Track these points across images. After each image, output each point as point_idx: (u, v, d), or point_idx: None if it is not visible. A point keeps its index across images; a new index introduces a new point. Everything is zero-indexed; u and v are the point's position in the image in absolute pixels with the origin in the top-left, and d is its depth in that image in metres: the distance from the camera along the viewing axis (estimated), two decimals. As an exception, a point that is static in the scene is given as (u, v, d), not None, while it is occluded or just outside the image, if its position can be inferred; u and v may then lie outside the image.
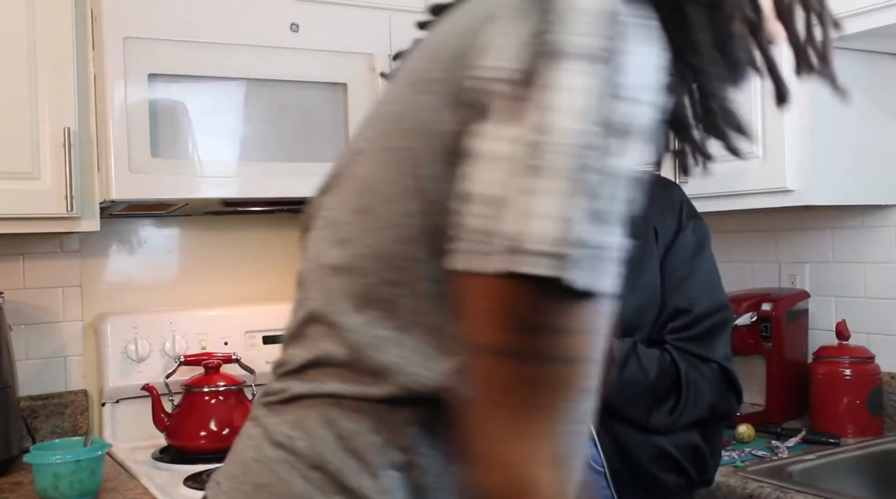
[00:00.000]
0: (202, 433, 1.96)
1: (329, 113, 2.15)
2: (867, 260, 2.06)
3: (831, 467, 1.75)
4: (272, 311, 2.38)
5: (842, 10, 1.67)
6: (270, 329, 2.34)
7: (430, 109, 0.67)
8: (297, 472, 0.69)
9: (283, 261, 2.52)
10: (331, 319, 0.72)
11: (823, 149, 1.79)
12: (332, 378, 0.71)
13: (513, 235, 0.57)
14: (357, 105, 2.17)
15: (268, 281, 2.48)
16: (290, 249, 2.51)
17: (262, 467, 0.73)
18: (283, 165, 2.07)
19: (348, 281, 0.71)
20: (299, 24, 2.11)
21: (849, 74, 1.91)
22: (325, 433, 0.69)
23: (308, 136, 2.12)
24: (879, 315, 2.03)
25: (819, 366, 1.97)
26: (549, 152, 0.58)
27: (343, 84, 2.16)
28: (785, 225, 2.24)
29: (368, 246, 0.70)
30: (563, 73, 0.59)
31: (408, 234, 0.67)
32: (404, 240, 0.68)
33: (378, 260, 0.69)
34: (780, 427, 1.93)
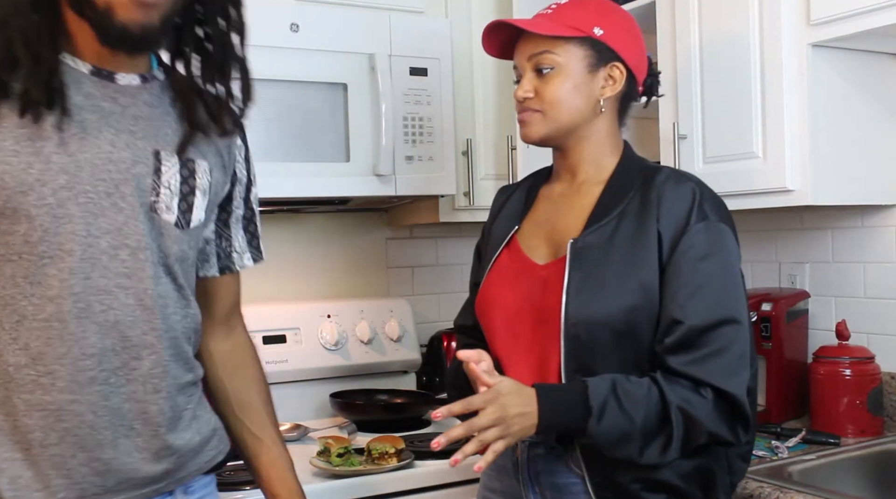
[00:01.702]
0: (202, 433, 1.96)
1: (329, 113, 2.15)
2: (867, 260, 2.06)
3: (831, 467, 1.75)
4: (272, 311, 2.38)
5: (842, 10, 1.67)
6: (270, 329, 2.35)
7: None
8: None
9: (283, 261, 2.52)
10: None
11: (823, 149, 1.79)
12: None
13: None
14: (357, 105, 2.17)
15: (268, 281, 2.48)
16: (290, 249, 2.52)
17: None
18: (284, 165, 2.07)
19: None
20: (299, 24, 2.11)
21: (849, 74, 1.93)
22: None
23: (308, 136, 2.13)
24: (879, 315, 2.03)
25: (819, 366, 1.97)
26: None
27: (343, 84, 2.16)
28: (785, 225, 2.24)
29: None
30: None
31: None
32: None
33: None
34: (780, 427, 1.94)
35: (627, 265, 1.36)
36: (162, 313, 1.19)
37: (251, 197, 1.40)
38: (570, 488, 1.40)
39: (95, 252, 1.13)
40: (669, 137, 1.99)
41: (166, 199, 1.19)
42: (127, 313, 1.15)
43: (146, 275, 1.17)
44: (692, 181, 1.41)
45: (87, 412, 1.13)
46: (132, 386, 1.16)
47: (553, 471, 1.42)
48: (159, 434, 1.19)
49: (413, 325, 2.55)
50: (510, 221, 1.56)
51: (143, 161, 1.17)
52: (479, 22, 2.42)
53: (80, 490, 1.13)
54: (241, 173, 1.37)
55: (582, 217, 1.44)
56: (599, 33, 1.45)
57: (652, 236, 1.36)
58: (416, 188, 2.25)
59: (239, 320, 1.46)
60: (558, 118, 1.45)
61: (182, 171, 1.22)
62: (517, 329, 1.45)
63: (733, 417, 1.32)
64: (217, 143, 1.28)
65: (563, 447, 1.40)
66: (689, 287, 1.33)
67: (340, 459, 1.87)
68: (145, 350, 1.17)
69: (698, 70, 1.95)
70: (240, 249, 1.40)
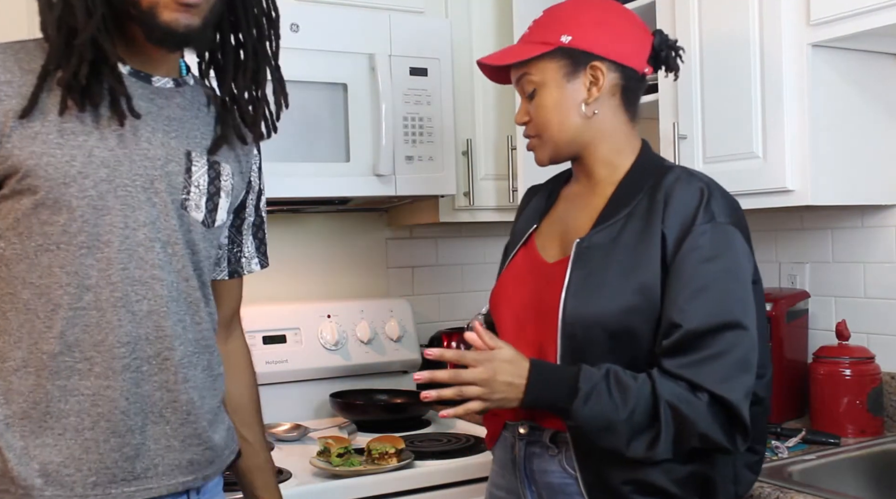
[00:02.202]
0: (202, 433, 1.96)
1: (329, 113, 2.15)
2: (867, 260, 2.06)
3: (831, 467, 1.75)
4: (272, 311, 2.38)
5: (842, 10, 1.67)
6: (270, 329, 2.35)
7: None
8: None
9: (284, 261, 2.52)
10: None
11: (823, 149, 1.79)
12: None
13: None
14: (357, 105, 2.17)
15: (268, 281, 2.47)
16: (290, 249, 2.52)
17: None
18: (284, 165, 2.07)
19: None
20: (299, 24, 2.11)
21: (849, 74, 1.93)
22: None
23: (308, 136, 2.13)
24: (879, 315, 2.03)
25: (819, 366, 1.97)
26: None
27: (343, 84, 2.16)
28: (785, 225, 2.24)
29: None
30: None
31: None
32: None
33: None
34: (780, 427, 1.93)
35: (629, 266, 1.35)
36: (192, 306, 1.24)
37: (261, 205, 1.46)
38: (564, 489, 1.40)
39: (132, 244, 1.18)
40: (669, 137, 1.99)
41: (196, 197, 1.25)
42: (161, 304, 1.19)
43: (177, 268, 1.22)
44: (702, 181, 1.37)
45: (121, 398, 1.17)
46: (164, 375, 1.20)
47: (548, 471, 1.42)
48: (188, 422, 1.23)
49: (413, 325, 2.55)
50: (530, 219, 1.57)
51: (175, 159, 1.23)
52: (480, 22, 2.43)
53: (111, 475, 1.17)
54: (255, 182, 1.43)
55: (592, 217, 1.44)
56: (567, 40, 1.42)
57: (656, 237, 1.34)
58: (416, 188, 2.25)
59: (238, 324, 1.50)
60: (553, 138, 1.46)
61: (209, 172, 1.27)
62: (523, 325, 1.46)
63: (730, 423, 1.29)
64: (238, 150, 1.34)
65: (557, 447, 1.41)
66: (689, 290, 1.30)
67: (340, 459, 1.87)
68: (177, 340, 1.21)
69: (698, 70, 1.95)
70: (249, 254, 1.45)
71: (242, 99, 1.32)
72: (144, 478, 1.20)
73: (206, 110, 1.31)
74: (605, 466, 1.34)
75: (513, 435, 1.48)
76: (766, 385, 1.41)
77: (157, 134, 1.21)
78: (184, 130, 1.25)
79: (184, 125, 1.26)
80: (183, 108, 1.27)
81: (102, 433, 1.16)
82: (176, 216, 1.22)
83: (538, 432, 1.43)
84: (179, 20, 1.16)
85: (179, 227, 1.23)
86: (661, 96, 2.04)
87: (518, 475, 1.47)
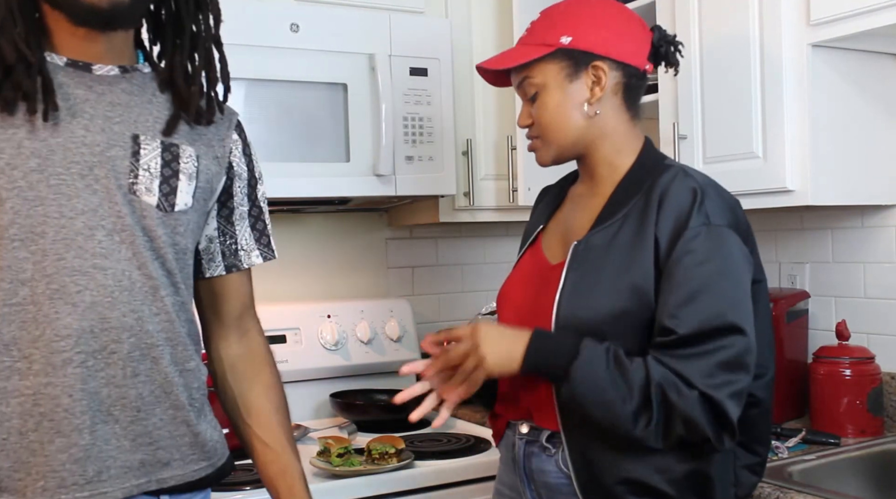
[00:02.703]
0: (202, 433, 1.96)
1: (329, 113, 2.15)
2: (867, 260, 2.06)
3: (831, 467, 1.75)
4: (272, 311, 2.38)
5: (842, 11, 1.67)
6: (270, 329, 2.33)
7: None
8: None
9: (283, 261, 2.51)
10: None
11: (823, 149, 1.79)
12: None
13: None
14: (357, 105, 2.17)
15: (268, 281, 2.47)
16: (290, 249, 2.52)
17: None
18: (284, 165, 2.07)
19: None
20: (299, 24, 2.11)
21: (849, 74, 1.93)
22: None
23: (308, 136, 2.13)
24: (879, 315, 2.03)
25: (819, 366, 1.97)
26: None
27: (343, 84, 2.16)
28: (785, 225, 2.24)
29: None
30: None
31: None
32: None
33: None
34: (780, 427, 1.93)
35: (622, 268, 1.34)
36: (147, 296, 1.18)
37: (258, 195, 1.39)
38: (561, 488, 1.40)
39: (70, 233, 1.13)
40: (669, 137, 1.99)
41: (146, 181, 1.19)
42: (105, 294, 1.14)
43: (126, 256, 1.16)
44: (696, 181, 1.35)
45: (63, 396, 1.11)
46: (111, 370, 1.15)
47: (545, 470, 1.43)
48: (137, 420, 1.17)
49: (413, 325, 2.55)
50: (539, 220, 1.58)
51: (119, 144, 1.18)
52: (480, 22, 2.43)
53: (59, 479, 1.12)
54: (241, 168, 1.36)
55: (591, 218, 1.44)
56: (567, 41, 1.41)
57: (649, 239, 1.33)
58: (416, 188, 2.25)
59: (253, 323, 1.43)
60: (556, 139, 1.45)
61: (164, 154, 1.21)
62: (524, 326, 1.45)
63: (717, 421, 1.27)
64: (208, 134, 1.29)
65: (553, 447, 1.41)
66: (681, 294, 1.28)
67: (340, 459, 1.87)
68: (126, 333, 1.15)
69: (698, 70, 1.95)
70: (247, 246, 1.38)
71: (180, 76, 1.26)
72: (98, 481, 1.14)
73: (163, 95, 1.26)
74: (599, 466, 1.34)
75: (514, 434, 1.48)
76: (766, 385, 1.40)
77: (96, 120, 1.17)
78: (130, 114, 1.21)
79: (131, 110, 1.21)
80: (130, 93, 1.22)
81: (47, 434, 1.11)
82: (125, 202, 1.17)
83: (536, 432, 1.44)
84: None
85: (130, 213, 1.17)
86: (661, 96, 2.04)
87: (518, 474, 1.47)
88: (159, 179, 1.20)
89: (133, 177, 1.18)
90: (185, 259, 1.25)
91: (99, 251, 1.14)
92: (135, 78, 1.24)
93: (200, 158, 1.26)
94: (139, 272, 1.17)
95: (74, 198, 1.13)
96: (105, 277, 1.14)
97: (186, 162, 1.24)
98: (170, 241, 1.21)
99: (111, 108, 1.19)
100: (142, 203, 1.18)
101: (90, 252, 1.14)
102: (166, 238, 1.21)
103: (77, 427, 1.12)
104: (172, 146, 1.23)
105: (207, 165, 1.27)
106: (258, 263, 1.40)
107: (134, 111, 1.21)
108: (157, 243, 1.19)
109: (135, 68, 1.25)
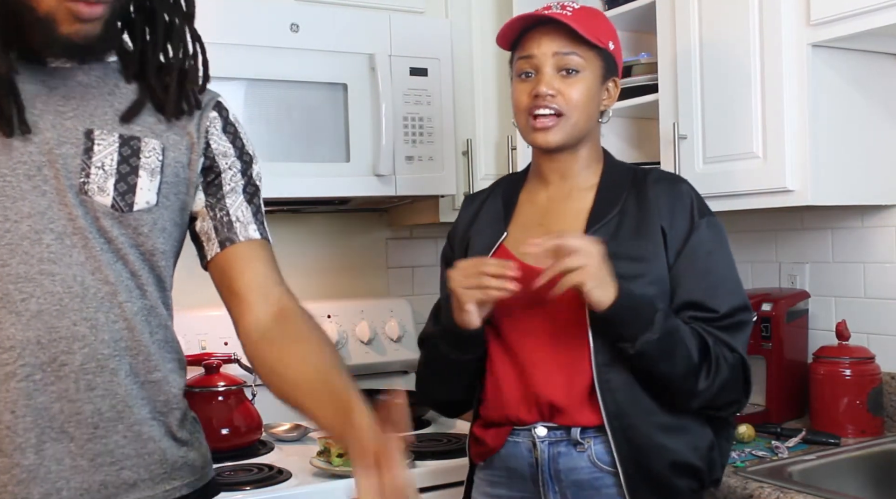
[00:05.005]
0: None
1: (329, 113, 2.15)
2: (867, 260, 2.06)
3: (831, 467, 1.75)
4: (272, 311, 2.38)
5: (842, 10, 1.67)
6: (270, 329, 2.34)
7: None
8: None
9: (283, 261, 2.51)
10: None
11: (823, 149, 1.79)
12: None
13: None
14: (357, 105, 2.17)
15: (268, 281, 2.48)
16: (289, 249, 2.52)
17: None
18: (284, 165, 2.07)
19: None
20: (299, 24, 2.11)
21: (849, 74, 1.93)
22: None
23: (308, 136, 2.13)
24: (879, 315, 2.03)
25: (819, 366, 1.97)
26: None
27: (343, 84, 2.16)
28: (785, 225, 2.24)
29: None
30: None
31: None
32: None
33: None
34: (780, 427, 1.94)
35: (637, 259, 1.42)
36: (103, 302, 1.09)
37: (253, 173, 1.28)
38: (594, 483, 1.41)
39: (15, 238, 1.05)
40: (669, 136, 1.99)
41: (98, 180, 1.10)
42: (53, 302, 1.06)
43: (79, 260, 1.08)
44: (685, 182, 1.51)
45: (5, 412, 1.03)
46: (62, 384, 1.06)
47: (576, 468, 1.42)
48: (95, 438, 1.08)
49: (413, 325, 2.55)
50: (493, 227, 1.55)
51: (70, 141, 1.09)
52: (480, 22, 2.43)
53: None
54: (222, 145, 1.24)
55: (580, 219, 1.47)
56: (612, 47, 1.51)
57: (656, 233, 1.43)
58: (416, 188, 2.25)
59: (281, 291, 1.25)
60: (578, 123, 1.47)
61: (122, 149, 1.12)
62: (529, 331, 1.45)
63: (745, 383, 1.44)
64: (180, 121, 1.19)
65: (583, 443, 1.42)
66: (711, 280, 1.42)
67: (340, 459, 1.87)
68: (78, 343, 1.07)
69: (698, 70, 1.95)
70: (243, 218, 1.25)
71: (152, 71, 1.17)
72: None
73: (129, 86, 1.17)
74: (646, 453, 1.38)
75: (529, 440, 1.46)
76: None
77: (45, 116, 1.09)
78: (86, 108, 1.11)
79: (86, 103, 1.12)
80: (86, 85, 1.13)
81: None
82: (77, 203, 1.08)
83: (559, 431, 1.43)
84: (79, 31, 1.05)
85: (83, 214, 1.08)
86: (661, 96, 2.04)
87: (541, 479, 1.45)
88: (115, 176, 1.11)
89: (84, 176, 1.09)
90: (154, 260, 1.16)
91: (47, 256, 1.06)
92: (94, 69, 1.15)
93: (167, 151, 1.16)
94: (93, 277, 1.08)
95: (20, 200, 1.06)
96: (53, 284, 1.06)
97: (149, 156, 1.14)
98: (130, 242, 1.12)
99: (64, 103, 1.11)
100: (94, 203, 1.09)
101: (37, 257, 1.05)
102: (125, 239, 1.12)
103: (20, 446, 1.04)
104: (133, 140, 1.13)
105: (176, 156, 1.18)
106: (256, 237, 1.26)
107: (90, 105, 1.12)
108: (115, 245, 1.11)
109: (97, 59, 1.16)
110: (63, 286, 1.06)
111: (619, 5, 2.18)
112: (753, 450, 1.82)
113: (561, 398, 1.42)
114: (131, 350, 1.11)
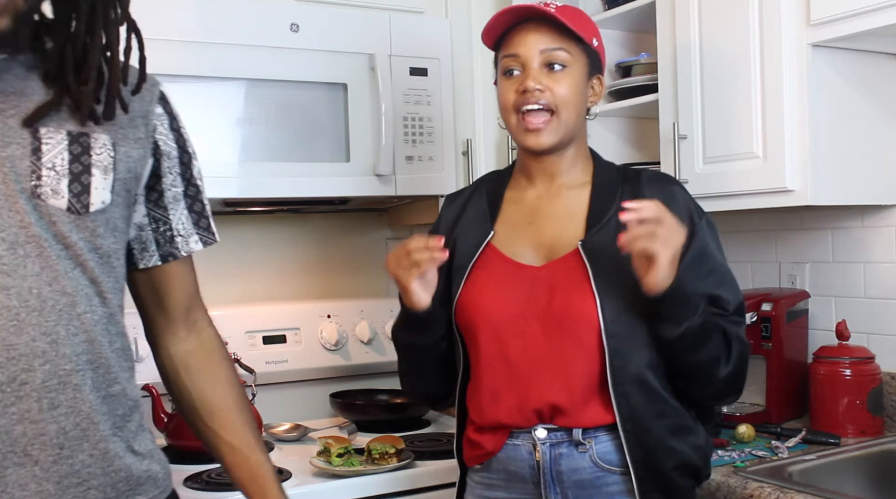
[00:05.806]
0: (202, 433, 1.96)
1: (329, 113, 2.15)
2: (867, 260, 2.06)
3: (831, 467, 1.75)
4: (272, 311, 2.38)
5: (842, 10, 1.67)
6: (270, 329, 2.35)
7: None
8: None
9: (284, 261, 2.52)
10: None
11: (823, 149, 1.79)
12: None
13: None
14: (357, 105, 2.17)
15: (268, 281, 2.48)
16: (289, 249, 2.52)
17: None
18: (284, 165, 2.07)
19: None
20: (299, 24, 2.11)
21: (849, 74, 1.93)
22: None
23: (308, 136, 2.13)
24: (879, 315, 2.03)
25: (819, 366, 1.97)
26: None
27: (343, 84, 2.16)
28: (785, 225, 2.24)
29: None
30: None
31: None
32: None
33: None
34: (780, 427, 1.93)
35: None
36: (62, 315, 1.02)
37: (193, 172, 1.23)
38: (595, 482, 1.42)
39: None
40: (669, 136, 1.99)
41: (51, 181, 1.02)
42: (9, 318, 0.98)
43: (34, 271, 1.00)
44: (677, 183, 1.55)
45: None
46: (24, 404, 0.99)
47: (578, 468, 1.42)
48: (62, 458, 1.01)
49: (413, 325, 2.55)
50: (479, 226, 1.53)
51: (16, 141, 1.01)
52: (480, 22, 2.41)
53: None
54: (168, 146, 1.19)
55: (576, 219, 1.47)
56: (596, 44, 1.51)
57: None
58: (416, 188, 2.25)
59: (201, 315, 1.28)
60: (568, 120, 1.47)
61: (72, 147, 1.04)
62: (523, 330, 1.44)
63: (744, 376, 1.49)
64: (125, 114, 1.11)
65: (585, 444, 1.42)
66: (718, 277, 1.45)
67: (340, 459, 1.87)
68: (38, 360, 0.99)
69: (698, 70, 1.95)
70: (184, 231, 1.22)
71: (70, 70, 1.06)
72: None
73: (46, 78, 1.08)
74: (656, 454, 1.40)
75: (529, 442, 1.45)
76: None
77: None
78: (28, 104, 1.03)
79: (28, 98, 1.03)
80: (25, 78, 1.04)
81: None
82: (30, 209, 1.00)
83: (560, 432, 1.43)
84: None
85: (37, 220, 1.00)
86: (661, 96, 2.04)
87: (542, 480, 1.44)
88: (68, 177, 1.03)
89: (36, 178, 1.01)
90: (111, 263, 1.09)
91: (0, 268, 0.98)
92: (29, 60, 1.06)
93: (118, 146, 1.09)
94: (50, 288, 1.01)
95: None
96: (8, 298, 0.98)
97: (100, 153, 1.07)
98: (89, 246, 1.05)
99: (3, 99, 1.02)
100: (49, 207, 1.01)
101: None
102: (84, 244, 1.05)
103: None
104: (82, 136, 1.05)
105: (127, 151, 1.11)
106: (197, 249, 1.24)
107: (32, 100, 1.03)
108: (73, 251, 1.03)
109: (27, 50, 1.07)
110: (19, 300, 0.99)
111: (619, 5, 2.18)
112: (753, 450, 1.81)
113: (563, 400, 1.42)
114: (93, 363, 1.05)
